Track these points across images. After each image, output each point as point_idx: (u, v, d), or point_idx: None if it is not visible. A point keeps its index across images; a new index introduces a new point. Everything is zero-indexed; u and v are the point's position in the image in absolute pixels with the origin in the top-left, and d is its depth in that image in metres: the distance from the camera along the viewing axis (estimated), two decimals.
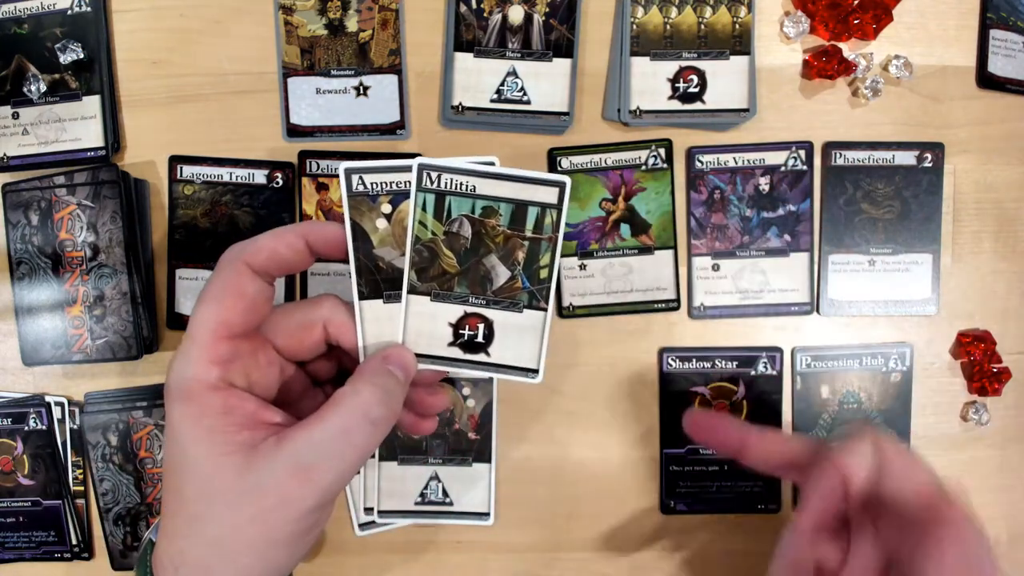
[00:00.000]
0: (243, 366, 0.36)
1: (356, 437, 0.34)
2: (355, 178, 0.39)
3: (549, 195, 0.38)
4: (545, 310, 0.39)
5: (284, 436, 0.33)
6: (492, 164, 0.39)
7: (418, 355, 0.40)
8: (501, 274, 0.39)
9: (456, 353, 0.40)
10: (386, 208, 0.40)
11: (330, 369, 0.42)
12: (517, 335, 0.40)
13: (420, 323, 0.40)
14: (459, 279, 0.39)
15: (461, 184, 0.38)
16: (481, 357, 0.40)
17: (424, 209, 0.39)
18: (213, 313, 0.35)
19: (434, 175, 0.38)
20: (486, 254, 0.39)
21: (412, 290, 0.39)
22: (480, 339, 0.40)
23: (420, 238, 0.39)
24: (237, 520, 0.33)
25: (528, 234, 0.39)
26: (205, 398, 0.34)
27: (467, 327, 0.40)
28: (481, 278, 0.39)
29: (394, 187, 0.39)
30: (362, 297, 0.39)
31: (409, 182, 0.39)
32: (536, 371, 0.40)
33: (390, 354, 0.38)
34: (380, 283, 0.40)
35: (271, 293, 0.37)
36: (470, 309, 0.40)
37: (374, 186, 0.39)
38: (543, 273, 0.39)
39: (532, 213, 0.39)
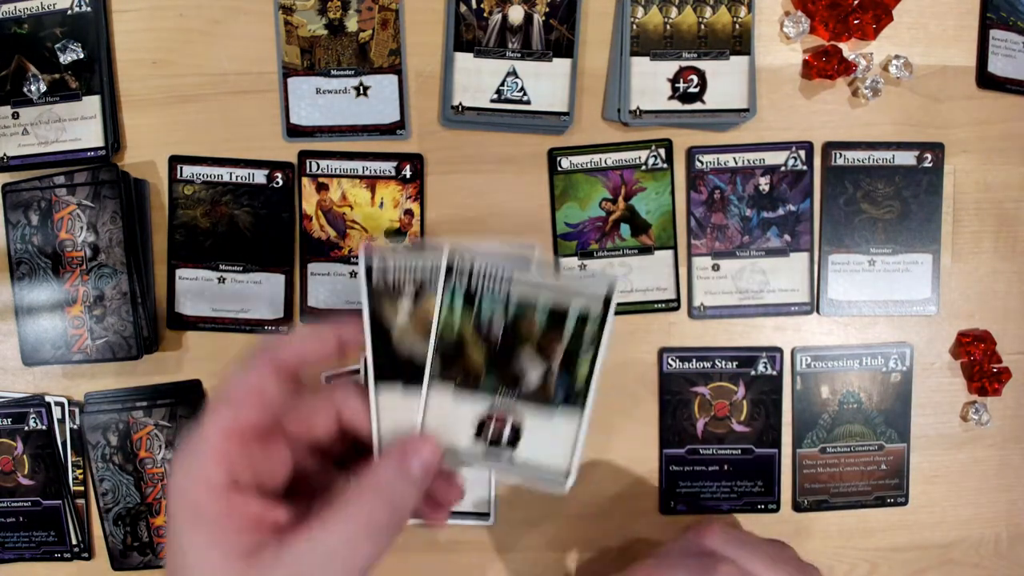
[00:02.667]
0: (251, 462, 0.34)
1: (361, 546, 0.32)
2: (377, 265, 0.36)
3: (593, 303, 0.34)
4: (583, 411, 0.35)
5: (286, 542, 0.32)
6: (532, 249, 0.35)
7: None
8: (534, 374, 0.35)
9: (479, 448, 0.35)
10: (407, 303, 0.36)
11: (348, 448, 0.38)
12: (549, 436, 0.36)
13: (441, 414, 0.35)
14: (487, 372, 0.35)
15: (494, 289, 0.35)
16: (507, 454, 0.36)
17: (452, 307, 0.35)
18: (230, 418, 0.33)
19: (464, 269, 0.35)
20: (519, 352, 0.35)
21: (434, 377, 0.35)
22: (506, 440, 0.36)
23: (445, 336, 0.35)
24: None
25: (565, 344, 0.35)
26: (208, 500, 0.32)
27: (493, 425, 0.36)
28: (512, 374, 0.35)
29: (417, 276, 0.36)
30: (378, 380, 0.35)
31: (433, 270, 0.35)
32: (567, 475, 0.35)
33: (409, 449, 0.34)
34: (399, 367, 0.36)
35: (293, 391, 0.35)
36: (498, 404, 0.35)
37: (398, 271, 0.36)
38: (581, 375, 0.35)
39: (571, 321, 0.35)
